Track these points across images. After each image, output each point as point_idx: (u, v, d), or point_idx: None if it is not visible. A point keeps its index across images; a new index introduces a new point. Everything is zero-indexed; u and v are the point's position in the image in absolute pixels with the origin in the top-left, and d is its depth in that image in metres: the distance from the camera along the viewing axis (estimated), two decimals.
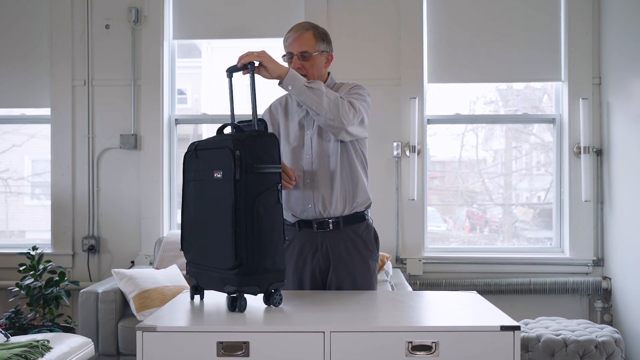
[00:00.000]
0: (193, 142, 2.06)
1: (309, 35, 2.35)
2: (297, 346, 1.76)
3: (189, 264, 2.08)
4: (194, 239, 2.04)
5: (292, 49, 2.35)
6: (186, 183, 2.08)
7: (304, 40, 2.34)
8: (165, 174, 4.48)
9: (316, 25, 2.40)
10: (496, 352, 1.75)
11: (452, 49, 4.41)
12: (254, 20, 4.49)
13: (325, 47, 2.39)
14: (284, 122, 2.46)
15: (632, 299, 3.92)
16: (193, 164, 2.04)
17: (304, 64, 2.34)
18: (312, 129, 2.39)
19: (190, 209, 2.05)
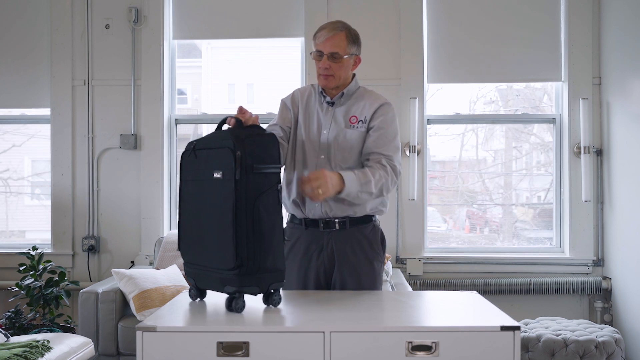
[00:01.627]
0: (191, 142, 2.04)
1: (342, 37, 2.32)
2: (297, 346, 1.76)
3: (187, 264, 2.07)
4: (192, 239, 2.03)
5: (322, 48, 2.33)
6: (184, 182, 2.06)
7: (336, 42, 2.32)
8: (165, 174, 4.48)
9: (349, 27, 2.37)
10: (496, 352, 1.75)
11: (452, 49, 4.41)
12: (254, 20, 4.48)
13: (355, 50, 2.38)
14: (303, 115, 2.44)
15: (632, 299, 3.92)
16: (192, 164, 2.02)
17: (333, 65, 2.32)
18: (328, 130, 2.38)
19: (188, 209, 2.04)
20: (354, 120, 2.37)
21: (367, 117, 2.37)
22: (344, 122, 2.37)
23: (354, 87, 2.44)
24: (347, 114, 2.39)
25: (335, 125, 2.37)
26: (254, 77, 4.87)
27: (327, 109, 2.40)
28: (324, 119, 2.40)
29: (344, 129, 2.36)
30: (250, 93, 4.95)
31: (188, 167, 2.04)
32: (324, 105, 2.41)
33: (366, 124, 2.36)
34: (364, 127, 2.36)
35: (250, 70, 4.87)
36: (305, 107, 2.45)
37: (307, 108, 2.45)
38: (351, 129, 2.36)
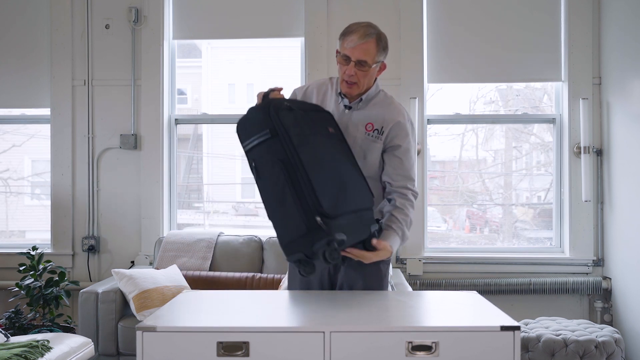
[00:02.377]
0: (281, 101, 2.08)
1: (372, 44, 2.22)
2: (297, 346, 1.76)
3: (338, 217, 1.98)
4: (334, 190, 2.01)
5: (351, 53, 2.22)
6: (302, 136, 2.02)
7: (367, 50, 2.22)
8: (165, 174, 4.48)
9: (380, 32, 2.27)
10: (496, 352, 1.75)
11: (452, 49, 4.41)
12: (254, 20, 4.48)
13: (382, 57, 2.29)
14: None
15: (632, 299, 3.92)
16: (295, 119, 2.03)
17: (358, 73, 2.24)
18: (346, 135, 2.30)
19: (317, 161, 2.01)
20: (369, 128, 2.31)
21: (384, 130, 2.30)
22: (360, 128, 2.31)
23: (374, 92, 2.36)
24: (364, 120, 2.32)
25: (351, 131, 2.31)
26: (254, 77, 4.87)
27: (343, 111, 2.33)
28: (340, 121, 2.32)
29: (359, 135, 2.31)
30: (250, 93, 4.95)
31: (290, 122, 2.02)
32: (340, 106, 2.34)
33: (382, 137, 2.30)
34: (379, 140, 2.30)
35: (250, 70, 4.87)
36: (320, 103, 2.36)
37: (321, 105, 2.36)
38: (366, 137, 2.30)
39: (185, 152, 4.81)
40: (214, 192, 4.92)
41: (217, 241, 4.18)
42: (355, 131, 2.31)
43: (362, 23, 2.27)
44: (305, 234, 1.91)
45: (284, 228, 1.97)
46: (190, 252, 4.12)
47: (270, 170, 1.97)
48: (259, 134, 1.98)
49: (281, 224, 1.98)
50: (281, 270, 3.97)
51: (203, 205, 4.87)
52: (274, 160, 1.96)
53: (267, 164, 1.98)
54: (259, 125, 1.99)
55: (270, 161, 1.97)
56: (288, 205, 1.94)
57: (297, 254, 1.94)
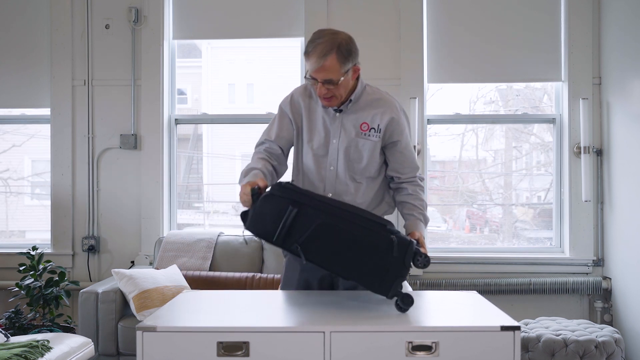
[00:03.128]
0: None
1: (333, 61, 2.13)
2: (297, 346, 1.76)
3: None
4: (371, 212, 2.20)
5: (315, 75, 2.16)
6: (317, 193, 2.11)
7: (329, 68, 2.14)
8: (165, 174, 4.48)
9: (339, 42, 2.15)
10: (496, 352, 1.75)
11: (452, 49, 4.41)
12: (254, 20, 4.48)
13: (350, 65, 2.19)
14: (307, 119, 2.31)
15: (632, 299, 3.92)
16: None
17: (330, 89, 2.18)
18: (338, 139, 2.27)
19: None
20: (365, 128, 2.27)
21: (381, 127, 2.27)
22: (355, 130, 2.27)
23: (360, 90, 2.30)
24: (357, 121, 2.27)
25: (345, 134, 2.27)
26: (254, 77, 4.87)
27: (334, 116, 2.28)
28: (332, 126, 2.28)
29: (355, 138, 2.26)
30: (250, 93, 4.95)
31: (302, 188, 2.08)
32: (330, 111, 2.29)
33: (380, 134, 2.27)
34: (377, 137, 2.27)
35: (250, 70, 4.87)
36: (308, 112, 2.32)
37: (311, 113, 2.32)
38: (363, 138, 2.26)
39: (185, 152, 4.81)
40: (214, 192, 4.92)
41: (217, 241, 4.18)
42: (350, 133, 2.28)
43: (318, 39, 2.17)
44: (393, 257, 1.93)
45: (377, 269, 1.93)
46: (190, 252, 4.12)
47: (324, 236, 1.91)
48: (285, 217, 1.92)
49: (372, 270, 1.93)
50: (281, 271, 3.96)
51: (203, 205, 4.87)
52: (318, 225, 1.91)
53: (315, 235, 1.91)
54: (277, 210, 1.92)
55: (317, 230, 1.91)
56: (365, 245, 1.91)
57: (399, 281, 1.94)
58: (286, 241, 1.92)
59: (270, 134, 2.35)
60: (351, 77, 2.23)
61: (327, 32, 2.20)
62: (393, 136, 2.30)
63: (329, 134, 2.29)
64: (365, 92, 2.32)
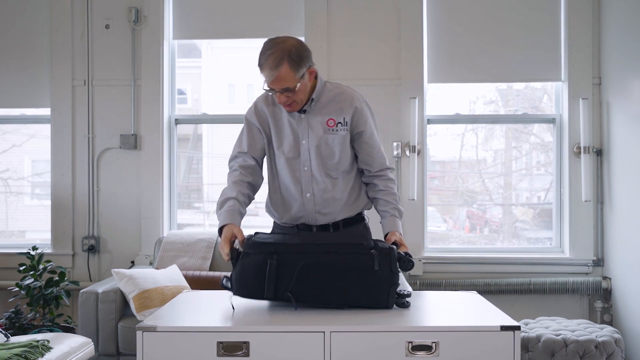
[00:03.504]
0: (248, 236, 2.09)
1: (285, 70, 2.15)
2: (297, 346, 1.76)
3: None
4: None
5: (272, 86, 2.20)
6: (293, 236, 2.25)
7: (283, 78, 2.16)
8: (165, 174, 4.48)
9: (289, 50, 2.17)
10: (496, 352, 1.75)
11: (452, 49, 4.41)
12: (254, 20, 4.48)
13: (304, 69, 2.20)
14: (274, 126, 2.35)
15: (632, 299, 3.92)
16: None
17: (289, 96, 2.21)
18: (307, 140, 2.30)
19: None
20: (331, 124, 2.29)
21: (347, 120, 2.29)
22: (322, 128, 2.29)
23: (321, 88, 2.32)
24: (323, 119, 2.30)
25: (313, 134, 2.29)
26: (254, 77, 4.84)
27: (299, 117, 2.31)
28: (299, 127, 2.31)
29: (324, 135, 2.28)
30: (250, 93, 4.95)
31: (276, 235, 2.16)
32: (295, 114, 2.31)
33: (347, 127, 2.30)
34: (345, 130, 2.29)
35: (250, 70, 4.86)
36: (274, 118, 2.35)
37: (277, 119, 2.35)
38: (332, 134, 2.29)
39: (185, 152, 4.81)
40: (214, 192, 4.91)
41: (217, 241, 4.18)
42: (318, 131, 2.29)
43: (268, 51, 2.20)
44: (380, 270, 1.99)
45: (369, 287, 1.99)
46: (190, 252, 4.12)
47: (310, 275, 1.97)
48: (267, 271, 1.96)
49: (365, 289, 1.99)
50: None
51: (203, 205, 4.87)
52: (301, 267, 1.96)
53: (302, 278, 1.96)
54: (258, 267, 1.97)
55: (301, 272, 1.96)
56: (350, 270, 1.98)
57: (393, 289, 2.02)
58: (277, 293, 1.97)
59: (242, 147, 2.37)
60: (308, 80, 2.25)
61: (275, 41, 2.23)
62: (358, 126, 2.33)
63: (298, 136, 2.31)
64: (326, 89, 2.34)
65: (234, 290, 2.01)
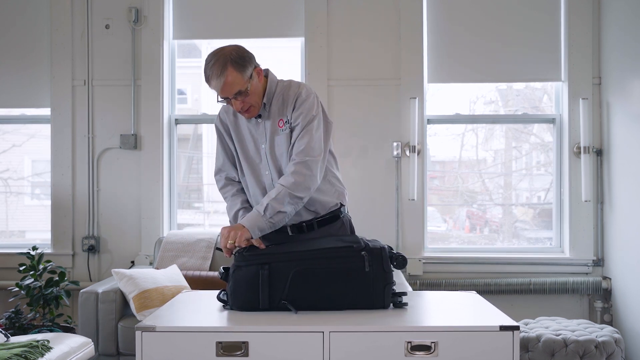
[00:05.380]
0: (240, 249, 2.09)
1: (232, 74, 2.14)
2: (296, 346, 1.76)
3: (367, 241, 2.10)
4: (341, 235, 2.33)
5: (224, 94, 2.18)
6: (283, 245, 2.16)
7: (232, 83, 2.15)
8: (165, 174, 4.48)
9: (229, 55, 2.16)
10: (496, 352, 1.75)
11: (452, 49, 4.41)
12: (254, 20, 4.49)
13: (250, 69, 2.20)
14: (235, 135, 2.35)
15: (632, 299, 3.92)
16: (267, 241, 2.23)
17: (244, 100, 2.20)
18: (266, 143, 2.29)
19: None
20: (281, 124, 2.28)
21: (289, 117, 2.27)
22: (275, 129, 2.28)
23: (273, 89, 2.30)
24: (275, 120, 2.29)
25: (269, 136, 2.29)
26: None
27: (256, 123, 2.31)
28: (257, 133, 2.31)
29: (275, 137, 2.28)
30: None
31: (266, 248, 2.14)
32: (252, 120, 2.31)
33: (290, 124, 2.27)
34: (287, 129, 2.27)
35: None
36: (235, 127, 2.36)
37: (237, 128, 2.36)
38: (279, 135, 2.27)
39: (185, 152, 4.81)
40: (214, 192, 4.91)
41: (217, 241, 4.18)
42: (274, 135, 2.28)
43: (210, 62, 2.17)
44: (372, 271, 2.00)
45: (363, 288, 1.99)
46: (190, 252, 4.12)
47: (303, 282, 1.97)
48: (260, 281, 1.97)
49: (360, 291, 1.99)
50: None
51: (203, 205, 4.87)
52: (293, 275, 1.97)
53: (295, 285, 1.97)
54: (250, 278, 1.98)
55: (294, 280, 1.97)
56: (343, 273, 1.98)
57: (389, 287, 2.02)
58: (272, 303, 1.97)
59: (221, 162, 2.41)
60: (258, 81, 2.24)
61: (214, 52, 2.21)
62: (295, 118, 2.26)
63: (257, 141, 2.32)
64: (278, 89, 2.32)
65: (230, 305, 2.02)
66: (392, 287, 2.02)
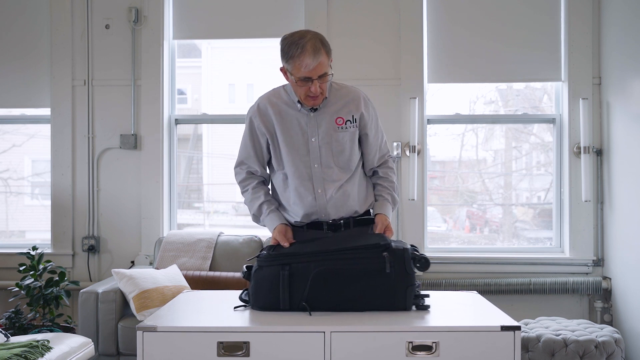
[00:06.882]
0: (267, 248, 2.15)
1: (324, 55, 2.17)
2: (297, 346, 1.76)
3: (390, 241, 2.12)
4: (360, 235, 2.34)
5: (311, 74, 2.17)
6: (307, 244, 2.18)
7: (323, 64, 2.18)
8: (165, 174, 4.48)
9: (321, 37, 2.20)
10: (496, 352, 1.75)
11: (452, 49, 4.41)
12: (254, 20, 4.48)
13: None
14: (280, 125, 2.34)
15: (632, 299, 3.92)
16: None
17: (322, 85, 2.22)
18: (317, 137, 2.31)
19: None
20: (340, 122, 2.32)
21: (356, 118, 2.33)
22: (331, 126, 2.31)
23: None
24: (332, 117, 2.32)
25: (323, 131, 2.31)
26: (254, 77, 4.86)
27: (308, 115, 2.32)
28: (309, 125, 2.32)
29: (334, 133, 2.31)
30: (250, 93, 4.95)
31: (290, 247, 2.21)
32: (303, 112, 2.32)
33: (356, 124, 2.34)
34: (354, 127, 2.34)
35: (250, 70, 4.87)
36: (280, 116, 2.34)
37: (283, 117, 2.34)
38: (341, 132, 2.32)
39: (185, 152, 4.81)
40: (214, 192, 4.92)
41: (217, 241, 4.18)
42: (327, 129, 2.32)
43: (301, 40, 2.17)
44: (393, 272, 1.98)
45: (384, 290, 1.99)
46: (190, 252, 4.12)
47: (323, 283, 1.96)
48: (280, 281, 1.98)
49: (381, 292, 1.99)
50: None
51: (203, 205, 4.87)
52: (314, 276, 1.97)
53: (315, 286, 1.96)
54: (272, 278, 1.99)
55: (314, 281, 1.96)
56: (363, 274, 1.97)
57: (410, 290, 2.02)
58: (292, 303, 1.97)
59: (247, 153, 2.41)
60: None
61: (302, 32, 2.23)
62: (365, 127, 2.38)
63: (306, 134, 2.33)
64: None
65: (251, 305, 2.02)
66: (415, 288, 2.00)
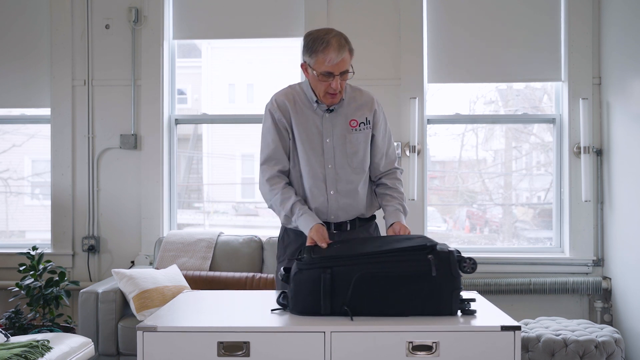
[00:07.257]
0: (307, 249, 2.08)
1: (348, 53, 2.23)
2: (297, 346, 1.76)
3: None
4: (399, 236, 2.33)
5: (334, 70, 2.20)
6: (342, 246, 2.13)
7: (347, 60, 2.23)
8: (165, 174, 4.48)
9: (345, 37, 2.26)
10: (496, 352, 1.75)
11: (452, 49, 4.41)
12: (254, 20, 4.48)
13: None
14: (297, 122, 2.34)
15: (632, 299, 3.92)
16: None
17: (342, 83, 2.25)
18: (332, 138, 2.33)
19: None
20: (354, 124, 2.34)
21: (370, 119, 2.37)
22: (346, 127, 2.34)
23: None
24: (346, 118, 2.34)
25: (337, 132, 2.33)
26: (254, 77, 4.87)
27: (323, 116, 2.34)
28: (324, 125, 2.33)
29: (348, 135, 2.33)
30: (250, 93, 4.95)
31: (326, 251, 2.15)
32: (318, 112, 2.34)
33: (370, 125, 2.37)
34: (367, 129, 2.37)
35: (250, 70, 4.87)
36: (297, 114, 2.34)
37: (299, 115, 2.34)
38: (355, 133, 2.34)
39: (185, 152, 4.81)
40: (214, 192, 4.92)
41: (217, 241, 4.18)
42: (342, 130, 2.34)
43: (327, 35, 2.21)
44: (438, 275, 1.93)
45: (430, 293, 1.91)
46: (190, 252, 4.12)
47: (366, 288, 1.89)
48: (321, 285, 1.89)
49: (427, 296, 1.92)
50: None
51: (203, 205, 4.87)
52: (356, 280, 1.88)
53: (357, 291, 1.88)
54: (312, 282, 1.89)
55: (356, 286, 1.88)
56: (407, 278, 1.90)
57: (456, 293, 1.96)
58: (333, 308, 1.89)
59: (273, 149, 2.36)
60: None
61: (329, 28, 2.29)
62: (375, 128, 2.40)
63: (321, 133, 2.34)
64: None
65: (290, 309, 1.94)
66: (460, 292, 1.94)
